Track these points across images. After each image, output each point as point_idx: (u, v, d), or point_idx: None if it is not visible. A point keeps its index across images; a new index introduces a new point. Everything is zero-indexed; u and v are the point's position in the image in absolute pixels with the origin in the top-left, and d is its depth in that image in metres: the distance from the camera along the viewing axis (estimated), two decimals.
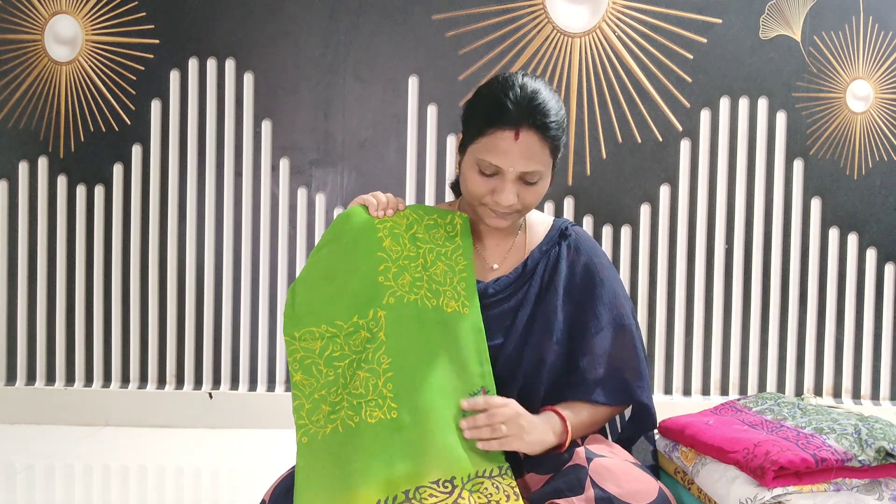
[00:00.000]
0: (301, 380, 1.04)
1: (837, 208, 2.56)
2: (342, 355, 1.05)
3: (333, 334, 1.06)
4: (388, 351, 1.05)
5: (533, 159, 1.01)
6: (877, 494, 0.96)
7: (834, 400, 2.59)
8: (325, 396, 1.03)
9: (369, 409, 1.01)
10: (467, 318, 1.11)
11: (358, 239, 1.11)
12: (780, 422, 1.10)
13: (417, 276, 1.12)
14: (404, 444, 0.99)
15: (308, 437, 1.00)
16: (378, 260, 1.10)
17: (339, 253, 1.10)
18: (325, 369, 1.04)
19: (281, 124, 2.50)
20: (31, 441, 2.26)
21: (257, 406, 2.47)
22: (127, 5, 2.45)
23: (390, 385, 1.03)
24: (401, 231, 1.13)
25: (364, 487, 0.95)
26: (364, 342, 1.06)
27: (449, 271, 1.13)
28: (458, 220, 1.17)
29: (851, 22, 2.54)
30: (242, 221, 2.51)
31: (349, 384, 1.03)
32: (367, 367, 1.04)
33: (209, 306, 2.50)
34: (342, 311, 1.07)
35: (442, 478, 0.98)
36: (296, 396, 1.04)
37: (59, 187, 2.48)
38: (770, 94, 2.53)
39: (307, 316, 1.07)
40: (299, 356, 1.05)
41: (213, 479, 2.05)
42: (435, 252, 1.14)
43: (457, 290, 1.12)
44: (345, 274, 1.09)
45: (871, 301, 2.58)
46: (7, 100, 2.46)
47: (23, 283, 2.48)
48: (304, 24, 2.48)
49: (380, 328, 1.06)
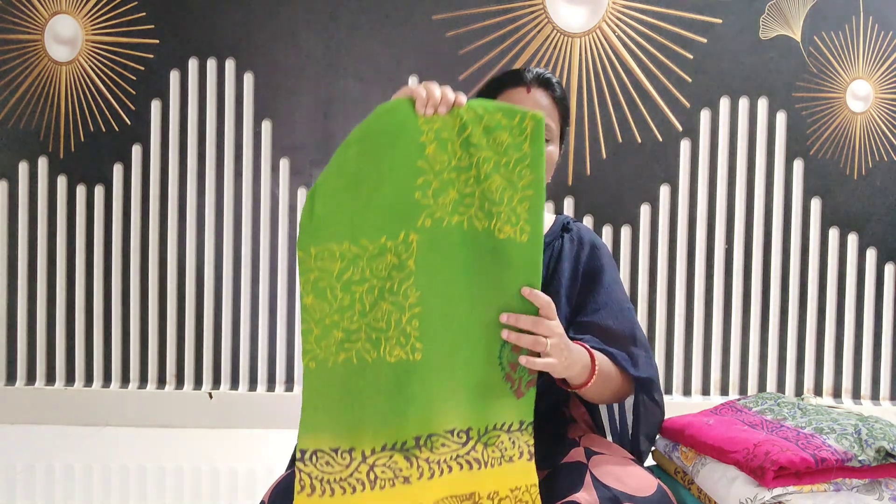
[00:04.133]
0: (312, 303, 0.89)
1: (837, 208, 2.56)
2: (363, 279, 0.90)
3: (356, 255, 0.90)
4: (418, 283, 0.91)
5: (545, 112, 1.08)
6: (877, 494, 0.96)
7: (834, 400, 2.59)
8: (339, 322, 0.89)
9: (389, 346, 0.90)
10: (523, 250, 0.95)
11: (395, 141, 0.91)
12: (780, 422, 1.10)
13: (468, 191, 0.94)
14: (424, 388, 0.91)
15: (316, 363, 0.89)
16: (417, 171, 0.92)
17: (370, 156, 0.91)
18: (340, 294, 0.89)
19: (281, 124, 2.50)
20: (31, 441, 2.26)
21: (257, 406, 2.47)
22: (127, 5, 2.45)
23: (416, 323, 0.91)
24: (451, 135, 0.93)
25: (371, 427, 0.89)
26: (390, 268, 0.91)
27: (508, 187, 0.95)
28: (530, 121, 0.95)
29: (851, 22, 2.54)
30: (242, 221, 2.51)
31: (368, 313, 0.90)
32: (392, 298, 0.91)
33: (209, 306, 2.50)
34: (368, 229, 0.90)
35: (458, 427, 0.92)
36: (304, 320, 0.90)
37: (59, 187, 2.48)
38: (770, 94, 2.53)
39: (327, 229, 0.90)
40: (313, 276, 0.89)
41: (213, 479, 2.05)
42: (493, 162, 0.95)
43: (516, 211, 0.95)
44: (375, 183, 0.91)
45: (871, 301, 2.58)
46: (7, 100, 2.46)
47: (23, 283, 2.48)
48: (304, 24, 2.48)
49: (410, 255, 0.91)
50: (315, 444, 0.89)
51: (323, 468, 0.88)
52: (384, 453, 0.90)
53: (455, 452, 0.91)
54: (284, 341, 2.51)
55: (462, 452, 0.91)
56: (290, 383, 2.51)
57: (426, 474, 0.91)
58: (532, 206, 0.95)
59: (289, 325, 2.52)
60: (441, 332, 0.92)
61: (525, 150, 0.95)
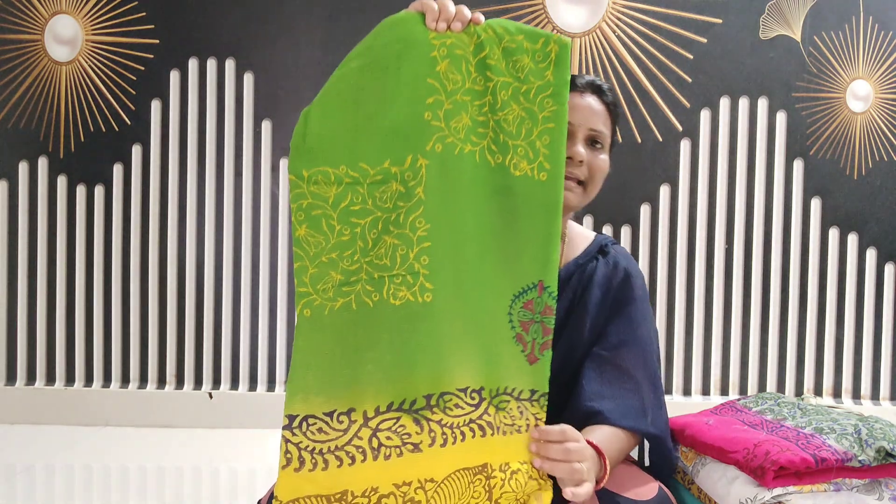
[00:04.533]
0: (306, 235, 0.79)
1: (837, 208, 2.56)
2: (363, 210, 0.80)
3: (355, 180, 0.80)
4: (427, 214, 0.81)
5: (598, 117, 1.05)
6: (877, 494, 0.96)
7: (834, 400, 2.59)
8: (337, 261, 0.79)
9: (394, 286, 0.80)
10: (541, 189, 0.86)
11: (402, 55, 0.81)
12: (780, 422, 1.10)
13: (481, 119, 0.84)
14: (434, 337, 0.80)
15: (311, 311, 0.79)
16: (427, 89, 0.82)
17: (373, 71, 0.81)
18: (338, 226, 0.80)
19: (281, 124, 2.50)
20: (31, 441, 2.26)
21: (257, 406, 2.47)
22: (127, 5, 2.45)
23: (425, 259, 0.81)
24: (465, 53, 0.83)
25: (374, 385, 0.79)
26: (395, 198, 0.81)
27: (527, 118, 0.85)
28: (555, 44, 0.86)
29: (851, 22, 2.54)
30: (242, 221, 2.51)
31: (370, 250, 0.80)
32: (397, 231, 0.81)
33: (209, 306, 2.50)
34: (369, 151, 0.81)
35: (471, 386, 0.81)
36: (298, 256, 0.80)
37: (59, 187, 2.48)
38: (770, 94, 2.53)
39: (322, 150, 0.80)
40: (306, 203, 0.79)
41: (213, 479, 2.05)
42: (511, 88, 0.85)
43: (534, 146, 0.85)
44: (378, 101, 0.81)
45: (871, 301, 2.58)
46: (7, 100, 2.46)
47: (23, 283, 2.48)
48: (304, 24, 2.48)
49: (418, 182, 0.81)
50: (306, 409, 0.78)
51: (315, 436, 0.78)
52: (390, 414, 0.79)
53: (468, 416, 0.81)
54: (284, 341, 2.51)
55: (475, 416, 0.81)
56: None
57: (438, 440, 0.80)
58: (553, 140, 0.85)
59: (289, 325, 2.51)
60: (452, 271, 0.82)
61: (548, 77, 0.85)
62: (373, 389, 0.79)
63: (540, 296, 0.87)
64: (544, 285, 0.86)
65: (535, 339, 0.87)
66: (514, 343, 0.86)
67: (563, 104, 0.86)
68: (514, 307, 0.86)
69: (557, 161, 0.86)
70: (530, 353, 0.87)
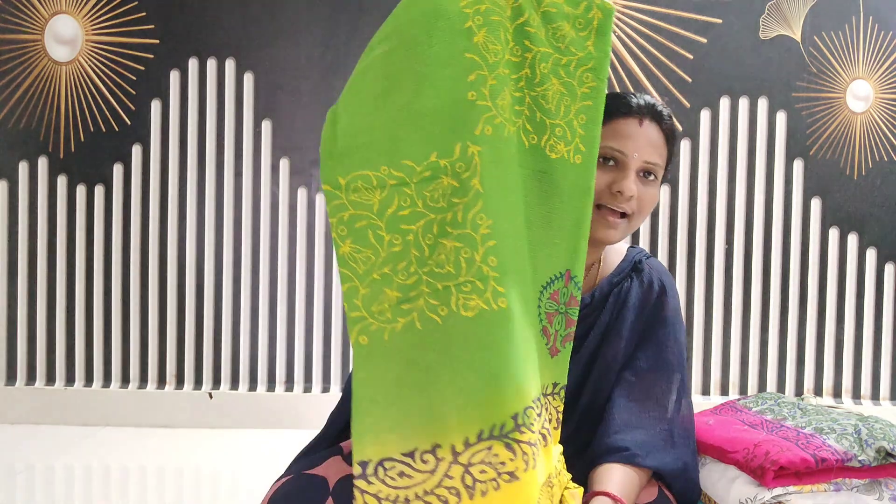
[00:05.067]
0: (351, 252, 0.69)
1: (837, 208, 2.56)
2: (414, 214, 0.70)
3: (400, 180, 0.70)
4: (488, 208, 0.71)
5: (655, 149, 1.00)
6: (877, 494, 0.96)
7: (834, 400, 2.58)
8: (391, 276, 0.69)
9: (463, 296, 0.70)
10: (575, 172, 0.78)
11: (432, 30, 0.71)
12: (780, 422, 1.10)
13: (517, 95, 0.75)
14: (514, 347, 0.70)
15: (368, 337, 0.69)
16: (466, 65, 0.71)
17: (402, 53, 0.71)
18: (387, 235, 0.70)
19: (281, 124, 2.50)
20: (31, 441, 2.26)
21: (257, 406, 2.47)
22: (127, 5, 2.45)
23: (493, 259, 0.70)
24: (502, 18, 0.73)
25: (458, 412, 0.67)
26: (449, 194, 0.71)
27: (566, 94, 0.77)
28: (598, 10, 0.77)
29: (851, 22, 2.54)
30: (242, 221, 2.51)
31: (428, 258, 0.70)
32: (457, 232, 0.70)
33: (209, 306, 2.50)
34: (412, 146, 0.71)
35: (537, 394, 0.73)
36: (345, 277, 0.69)
37: (59, 187, 2.48)
38: (770, 94, 2.53)
39: (358, 152, 0.72)
40: (347, 215, 0.70)
41: (213, 479, 2.05)
42: (552, 60, 0.76)
43: (572, 125, 0.77)
44: (412, 87, 0.71)
45: (871, 301, 2.58)
46: (7, 100, 2.46)
47: (23, 283, 2.48)
48: (304, 24, 2.48)
49: (473, 172, 0.71)
50: (380, 451, 0.68)
51: (396, 482, 0.67)
52: (481, 444, 0.68)
53: (541, 425, 0.73)
54: (284, 341, 2.51)
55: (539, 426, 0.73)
56: (290, 383, 2.51)
57: (531, 462, 0.69)
58: (590, 119, 0.77)
59: (289, 325, 2.51)
60: (520, 269, 0.74)
61: (588, 48, 0.76)
62: (457, 418, 0.68)
63: (566, 286, 0.80)
64: (571, 274, 0.79)
65: (559, 331, 0.81)
66: (541, 336, 0.80)
67: (603, 80, 0.78)
68: (543, 298, 0.80)
69: (593, 142, 0.79)
70: (552, 345, 0.81)
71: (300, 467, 0.97)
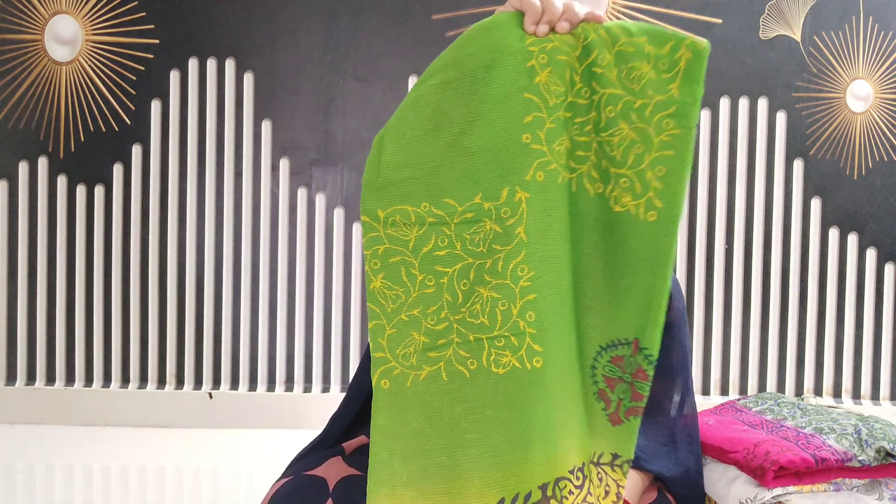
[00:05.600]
0: (382, 287, 0.67)
1: (837, 208, 2.56)
2: (451, 256, 0.66)
3: (440, 219, 0.67)
4: (531, 259, 0.66)
5: None
6: (877, 494, 0.96)
7: (834, 400, 2.58)
8: (419, 319, 0.66)
9: (496, 351, 0.65)
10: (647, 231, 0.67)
11: (492, 66, 0.66)
12: (780, 422, 1.10)
13: (583, 140, 0.69)
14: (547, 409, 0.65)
15: (390, 381, 0.66)
16: (523, 105, 0.67)
17: (458, 88, 0.67)
18: (420, 275, 0.66)
19: (281, 124, 2.50)
20: (31, 441, 2.26)
21: (257, 406, 2.47)
22: (127, 5, 2.45)
23: (531, 315, 0.66)
24: (570, 59, 0.68)
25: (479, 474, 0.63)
26: (490, 240, 0.67)
27: (638, 142, 0.67)
28: (687, 50, 0.67)
29: (851, 22, 2.54)
30: (242, 221, 2.51)
31: (461, 306, 0.66)
32: (496, 281, 0.66)
33: (209, 306, 2.50)
34: (457, 185, 0.67)
35: (576, 464, 0.68)
36: (373, 314, 0.67)
37: (59, 187, 2.48)
38: (770, 94, 2.53)
39: (399, 185, 0.68)
40: (382, 249, 0.68)
41: (213, 479, 2.05)
42: (622, 103, 0.67)
43: (643, 176, 0.67)
44: (463, 123, 0.67)
45: (871, 301, 2.58)
46: (7, 100, 2.46)
47: (23, 283, 2.48)
48: (304, 24, 2.48)
49: (518, 220, 0.66)
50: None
51: None
52: None
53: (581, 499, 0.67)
54: (284, 341, 2.51)
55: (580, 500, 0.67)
56: (290, 383, 2.51)
57: None
58: (670, 171, 0.66)
59: (289, 325, 2.51)
60: (558, 327, 0.68)
61: (671, 91, 0.67)
62: (478, 481, 0.63)
63: (633, 355, 0.71)
64: (640, 346, 0.69)
65: (622, 400, 0.72)
66: (595, 399, 0.72)
67: (690, 128, 0.68)
68: (600, 360, 0.72)
69: (673, 199, 0.67)
70: (613, 412, 0.72)
71: (300, 468, 0.97)
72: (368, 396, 0.99)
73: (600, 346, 0.71)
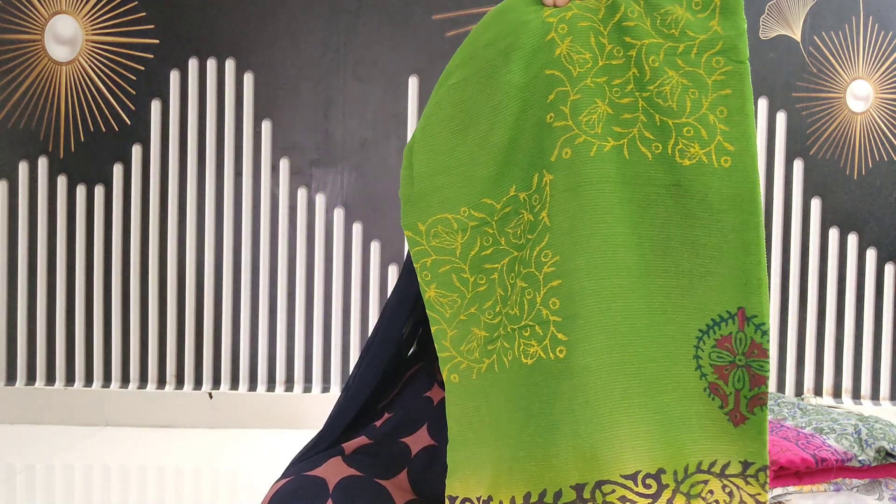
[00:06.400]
0: (437, 296, 0.67)
1: (837, 208, 2.56)
2: (497, 252, 0.65)
3: (482, 221, 0.65)
4: (554, 243, 0.63)
5: None
6: (877, 494, 0.96)
7: (834, 400, 2.58)
8: (478, 316, 0.65)
9: (524, 340, 0.63)
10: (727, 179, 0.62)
11: (510, 50, 0.64)
12: (780, 422, 1.10)
13: (626, 101, 0.64)
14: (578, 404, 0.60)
15: (459, 376, 0.66)
16: (545, 84, 0.64)
17: (479, 81, 0.65)
18: (472, 277, 0.66)
19: (281, 124, 2.50)
20: (31, 441, 2.26)
21: (257, 406, 2.47)
22: (127, 5, 2.45)
23: (556, 302, 0.62)
24: (593, 23, 0.64)
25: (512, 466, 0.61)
26: (526, 231, 0.64)
27: (691, 86, 0.64)
28: None
29: (851, 22, 2.54)
30: (242, 221, 2.51)
31: (508, 298, 0.65)
32: (525, 271, 0.64)
33: (209, 306, 2.50)
34: (492, 182, 0.65)
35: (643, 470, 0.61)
36: (433, 320, 0.67)
37: (59, 187, 2.48)
38: (770, 94, 2.53)
39: (435, 194, 0.67)
40: (430, 262, 0.66)
41: (213, 479, 2.05)
42: (663, 51, 0.64)
43: (706, 122, 0.63)
44: (489, 117, 0.65)
45: (871, 301, 2.58)
46: (7, 100, 2.46)
47: (23, 283, 2.48)
48: (304, 24, 2.48)
49: (543, 205, 0.63)
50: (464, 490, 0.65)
51: None
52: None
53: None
54: (284, 341, 2.51)
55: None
56: (290, 383, 2.51)
57: None
58: (733, 110, 0.63)
59: (288, 325, 2.52)
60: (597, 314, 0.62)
61: (714, 28, 0.67)
62: (508, 472, 0.62)
63: (742, 329, 0.63)
64: (747, 314, 0.62)
65: (741, 391, 0.63)
66: (708, 398, 0.64)
67: (743, 61, 0.67)
68: (703, 347, 0.64)
69: (744, 138, 0.63)
70: (733, 409, 0.64)
71: (300, 468, 0.97)
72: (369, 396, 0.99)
73: (700, 330, 0.63)
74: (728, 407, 0.64)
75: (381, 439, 0.99)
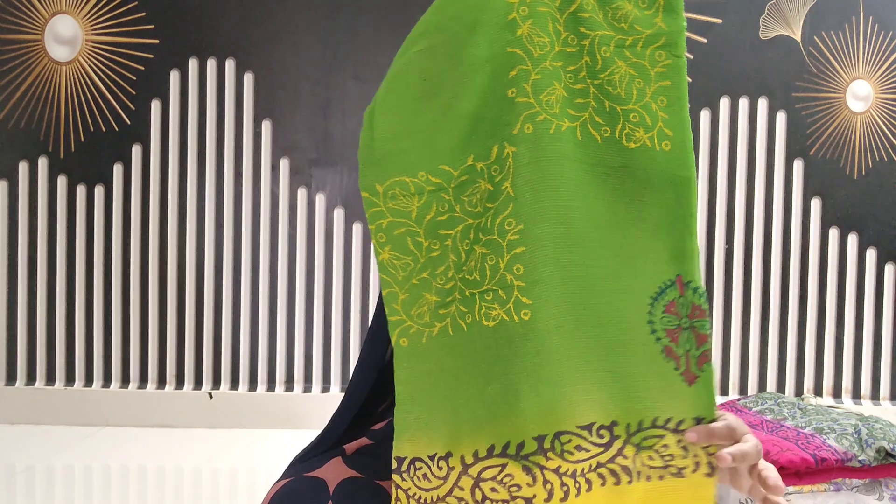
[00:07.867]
0: (390, 258, 0.69)
1: (837, 208, 2.56)
2: (452, 219, 0.68)
3: (438, 186, 0.68)
4: (518, 212, 0.67)
5: None
6: (877, 494, 0.96)
7: (834, 400, 2.58)
8: (429, 281, 0.68)
9: (485, 304, 0.67)
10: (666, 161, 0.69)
11: (476, 25, 0.68)
12: (780, 422, 1.10)
13: (578, 87, 0.70)
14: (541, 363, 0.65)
15: (408, 339, 0.69)
16: (508, 60, 0.68)
17: (442, 51, 0.69)
18: (426, 241, 0.68)
19: (281, 124, 2.50)
20: (31, 441, 2.26)
21: (257, 406, 2.47)
22: (127, 5, 2.45)
23: (519, 268, 0.67)
24: (551, 8, 0.70)
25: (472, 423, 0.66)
26: (485, 199, 0.68)
27: (637, 77, 0.70)
28: None
29: (851, 22, 2.54)
30: (242, 221, 2.51)
31: (463, 264, 0.68)
32: (486, 238, 0.68)
33: (209, 306, 2.50)
34: (450, 150, 0.68)
35: (598, 421, 0.66)
36: (385, 283, 0.69)
37: (59, 187, 2.48)
38: (770, 94, 2.53)
39: (395, 158, 0.69)
40: (386, 223, 0.69)
41: (213, 479, 2.05)
42: (613, 43, 0.70)
43: (649, 109, 0.69)
44: (453, 87, 0.68)
45: (871, 301, 2.58)
46: (7, 100, 2.46)
47: (23, 283, 2.48)
48: (303, 24, 2.48)
49: (506, 175, 0.68)
50: (413, 450, 0.68)
51: (420, 482, 0.68)
52: (491, 460, 0.66)
53: (595, 459, 0.66)
54: (284, 341, 2.51)
55: (603, 459, 0.66)
56: (290, 383, 2.52)
57: (557, 493, 0.66)
58: (671, 102, 0.69)
59: (288, 324, 2.52)
60: (558, 280, 0.67)
61: (658, 24, 0.70)
62: (469, 429, 0.66)
63: (682, 294, 0.69)
64: (684, 280, 0.68)
65: (689, 351, 0.69)
66: (664, 359, 0.69)
67: (681, 56, 0.71)
68: (655, 313, 0.69)
69: (681, 126, 0.69)
70: (686, 370, 0.69)
71: (300, 469, 0.97)
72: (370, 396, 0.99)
73: (650, 297, 0.69)
74: (681, 368, 0.69)
75: (382, 440, 0.99)
